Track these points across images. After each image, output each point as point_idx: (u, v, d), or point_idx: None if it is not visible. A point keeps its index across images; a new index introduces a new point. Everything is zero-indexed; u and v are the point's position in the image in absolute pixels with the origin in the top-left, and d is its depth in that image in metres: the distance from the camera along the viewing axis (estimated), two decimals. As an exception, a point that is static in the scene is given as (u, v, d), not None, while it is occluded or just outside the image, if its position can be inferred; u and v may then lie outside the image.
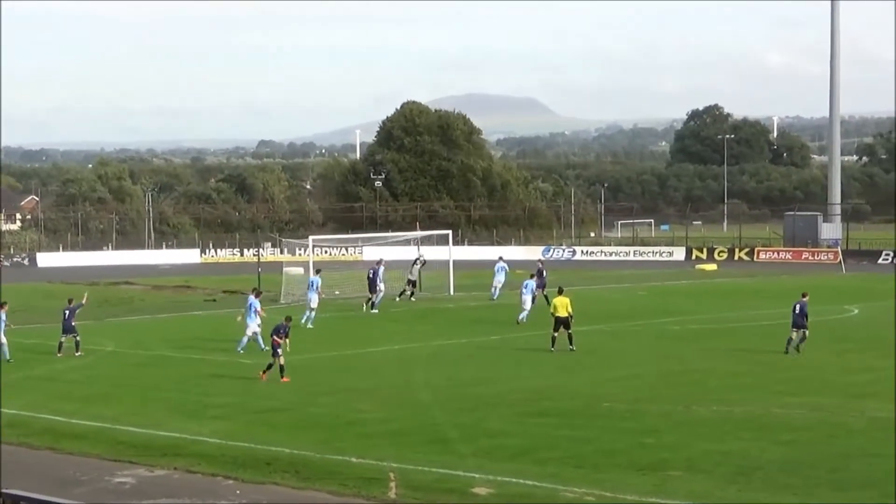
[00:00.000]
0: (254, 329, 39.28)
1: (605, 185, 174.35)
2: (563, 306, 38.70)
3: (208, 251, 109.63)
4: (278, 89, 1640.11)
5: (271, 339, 33.34)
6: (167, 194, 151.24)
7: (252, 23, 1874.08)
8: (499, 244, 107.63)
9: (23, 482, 19.41)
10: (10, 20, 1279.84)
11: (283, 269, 62.36)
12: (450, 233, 68.28)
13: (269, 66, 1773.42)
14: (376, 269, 55.06)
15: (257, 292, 41.17)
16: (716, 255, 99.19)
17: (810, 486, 20.75)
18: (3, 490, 16.73)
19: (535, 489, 20.59)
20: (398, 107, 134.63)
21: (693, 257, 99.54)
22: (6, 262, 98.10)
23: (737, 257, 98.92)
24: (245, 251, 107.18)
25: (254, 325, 39.33)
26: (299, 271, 62.48)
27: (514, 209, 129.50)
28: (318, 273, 49.89)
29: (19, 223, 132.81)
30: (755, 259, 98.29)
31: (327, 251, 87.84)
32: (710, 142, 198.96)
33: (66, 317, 39.37)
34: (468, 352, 39.97)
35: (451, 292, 61.64)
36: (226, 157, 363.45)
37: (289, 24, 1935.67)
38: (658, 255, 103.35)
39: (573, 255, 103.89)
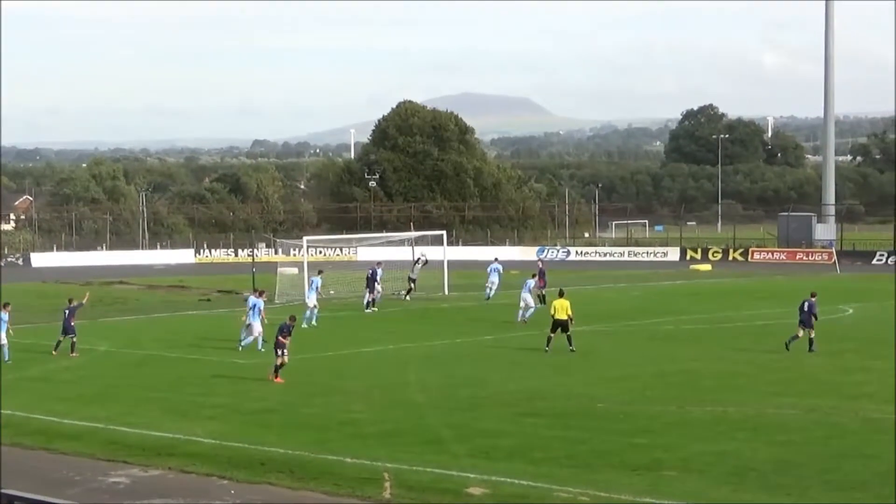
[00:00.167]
0: (259, 329, 39.33)
1: (600, 185, 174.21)
2: (562, 309, 38.51)
3: (202, 251, 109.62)
4: (273, 89, 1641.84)
5: (276, 339, 33.31)
6: (161, 194, 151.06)
7: (247, 23, 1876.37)
8: (493, 244, 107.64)
9: (16, 482, 19.39)
10: (3, 20, 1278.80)
11: (278, 269, 62.29)
12: (444, 233, 68.40)
13: (264, 66, 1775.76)
14: (375, 269, 55.12)
15: (260, 292, 41.21)
16: (710, 256, 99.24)
17: (804, 486, 20.79)
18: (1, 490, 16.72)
19: (530, 489, 20.60)
20: (394, 106, 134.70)
21: (687, 258, 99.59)
22: (0, 263, 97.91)
23: (731, 258, 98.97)
24: (239, 251, 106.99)
25: (259, 324, 39.39)
26: (293, 271, 62.55)
27: (508, 209, 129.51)
28: (320, 274, 49.96)
29: (13, 223, 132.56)
30: (749, 259, 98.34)
31: (321, 251, 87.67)
32: (705, 142, 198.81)
33: (65, 316, 39.36)
34: (463, 352, 39.97)
35: (446, 292, 61.70)
36: (220, 156, 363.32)
37: (284, 24, 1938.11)
38: (652, 255, 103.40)
39: (567, 255, 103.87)
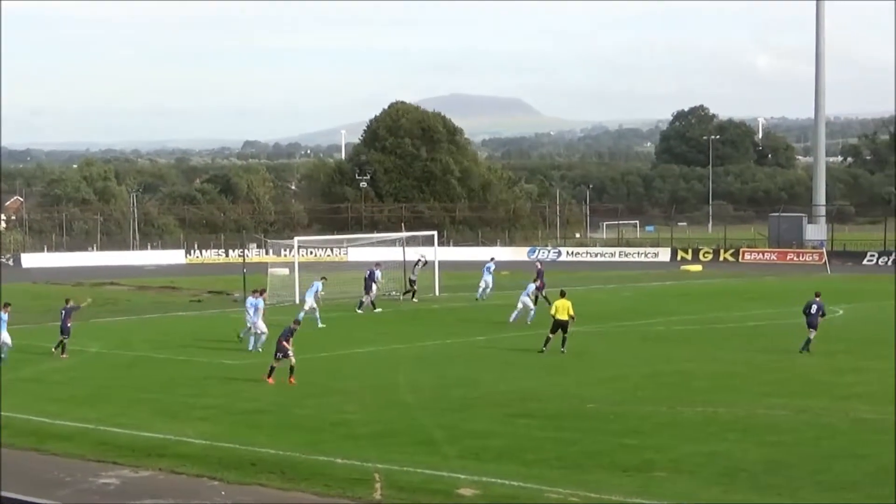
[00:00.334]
0: (264, 328, 39.29)
1: (591, 185, 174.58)
2: (563, 309, 38.28)
3: (193, 252, 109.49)
4: (264, 90, 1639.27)
5: (278, 343, 33.24)
6: (152, 195, 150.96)
7: (247, 23, 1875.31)
8: (484, 245, 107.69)
9: (6, 483, 19.37)
10: (3, 20, 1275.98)
11: (269, 269, 62.21)
12: (435, 234, 68.36)
13: (255, 67, 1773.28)
14: (374, 270, 55.08)
15: (260, 292, 41.17)
16: (701, 256, 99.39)
17: (794, 486, 20.80)
18: None
19: (521, 490, 20.59)
20: (385, 107, 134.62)
21: (678, 258, 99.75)
22: None
23: (722, 258, 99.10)
24: (230, 252, 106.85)
25: (263, 323, 39.36)
26: (284, 272, 62.47)
27: (499, 210, 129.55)
28: (323, 280, 50.00)
29: (3, 224, 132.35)
30: (740, 260, 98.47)
31: (312, 252, 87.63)
32: (696, 143, 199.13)
33: (62, 317, 39.32)
34: (454, 352, 39.95)
35: (437, 293, 61.65)
36: (211, 157, 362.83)
37: (276, 25, 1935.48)
38: (643, 256, 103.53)
39: (558, 255, 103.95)
